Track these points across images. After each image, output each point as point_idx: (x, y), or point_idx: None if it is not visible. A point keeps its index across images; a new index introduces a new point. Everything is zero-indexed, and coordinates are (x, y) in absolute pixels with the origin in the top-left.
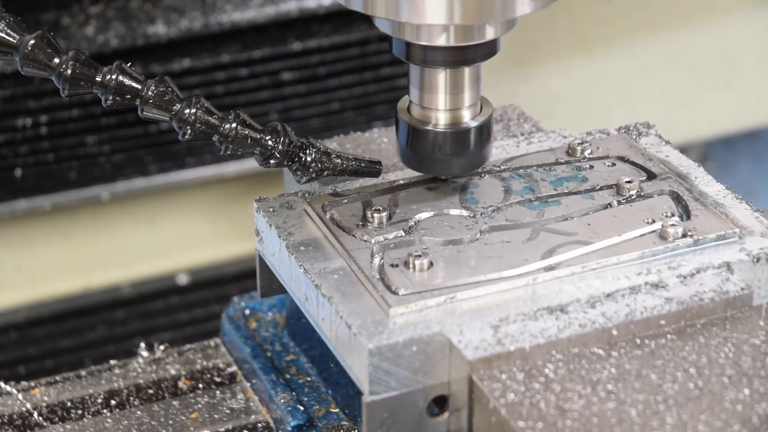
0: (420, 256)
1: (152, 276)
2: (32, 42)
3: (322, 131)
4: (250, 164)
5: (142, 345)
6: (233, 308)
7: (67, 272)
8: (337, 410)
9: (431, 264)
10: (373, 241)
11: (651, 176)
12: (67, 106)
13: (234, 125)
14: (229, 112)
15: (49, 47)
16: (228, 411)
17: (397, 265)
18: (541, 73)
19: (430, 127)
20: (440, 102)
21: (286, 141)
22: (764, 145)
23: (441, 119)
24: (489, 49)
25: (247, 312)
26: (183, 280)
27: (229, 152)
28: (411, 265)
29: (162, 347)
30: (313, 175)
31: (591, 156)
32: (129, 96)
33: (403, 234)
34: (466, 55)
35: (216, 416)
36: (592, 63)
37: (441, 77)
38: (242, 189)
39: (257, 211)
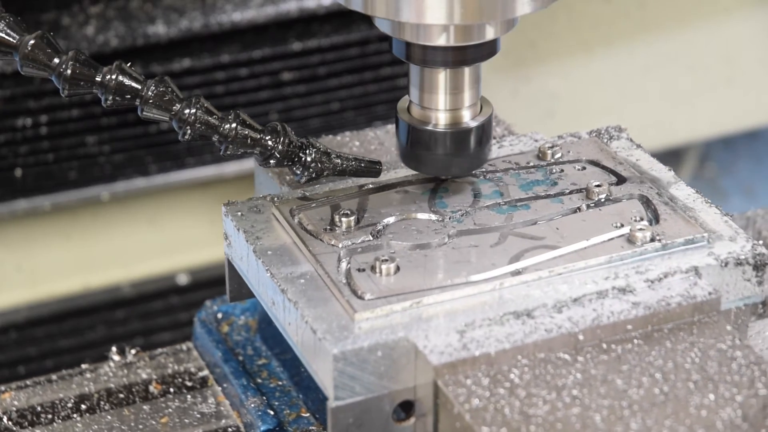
0: (387, 260)
1: (152, 276)
2: (32, 42)
3: (322, 131)
4: (250, 164)
5: (114, 349)
6: (205, 312)
7: (67, 272)
8: (307, 415)
9: (398, 268)
10: (340, 246)
11: (621, 180)
12: (67, 106)
13: (234, 125)
14: (229, 112)
15: (49, 47)
16: (198, 415)
17: (363, 270)
18: (541, 73)
19: (430, 127)
20: (440, 102)
21: (286, 141)
22: (764, 145)
23: (441, 119)
24: (489, 49)
25: (220, 316)
26: (183, 280)
27: (229, 152)
28: (378, 270)
29: (133, 351)
30: (313, 175)
31: (561, 160)
32: (129, 96)
33: (371, 238)
34: (466, 55)
35: (186, 420)
36: (592, 63)
37: (441, 77)
38: (242, 189)
39: (225, 215)
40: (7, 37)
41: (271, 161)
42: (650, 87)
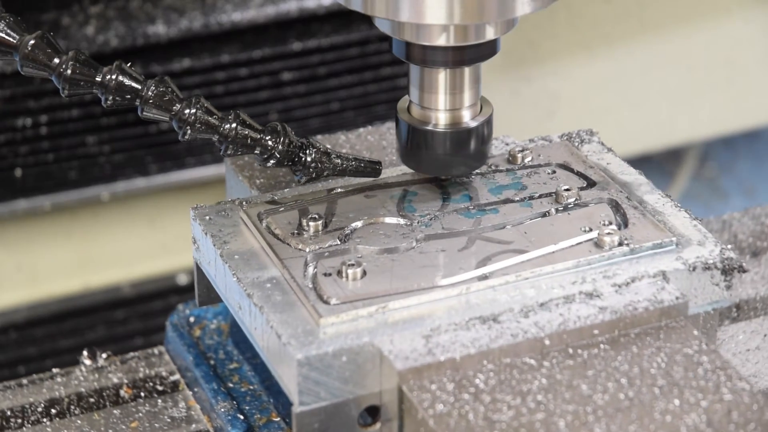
0: (353, 265)
1: (152, 276)
2: (32, 42)
3: (322, 131)
4: None
5: (85, 353)
6: (177, 316)
7: (67, 272)
8: (278, 419)
9: (365, 273)
10: (307, 250)
11: (591, 184)
12: (67, 106)
13: (234, 125)
14: (229, 112)
15: (49, 47)
16: (169, 420)
17: (330, 274)
18: (541, 73)
19: (430, 127)
20: (440, 102)
21: (286, 141)
22: (764, 145)
23: (441, 119)
24: (489, 49)
25: (192, 319)
26: (183, 280)
27: (229, 152)
28: (344, 275)
29: (104, 355)
30: (314, 175)
31: (532, 163)
32: (129, 96)
33: (339, 242)
34: (466, 55)
35: (156, 425)
36: (592, 63)
37: (441, 77)
38: None
39: (193, 219)
40: (7, 37)
41: (271, 161)
42: (650, 87)
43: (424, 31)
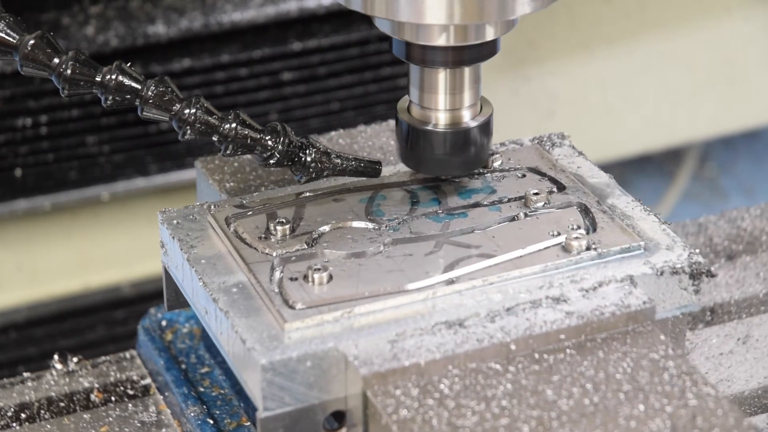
0: (319, 269)
1: (152, 276)
2: (32, 42)
3: (322, 131)
4: None
5: (56, 357)
6: (149, 320)
7: (67, 272)
8: (248, 424)
9: (331, 277)
10: (274, 255)
11: (561, 188)
12: (67, 106)
13: (234, 125)
14: (229, 112)
15: (49, 47)
16: (138, 424)
17: (296, 279)
18: (541, 73)
19: (429, 127)
20: (440, 102)
21: (286, 141)
22: (764, 145)
23: (441, 119)
24: (489, 49)
25: (164, 323)
26: None
27: (229, 152)
28: (310, 279)
29: (75, 359)
30: (313, 175)
31: (501, 167)
32: (129, 96)
33: (306, 247)
34: (466, 55)
35: (126, 429)
36: (592, 63)
37: (441, 77)
38: None
39: (161, 224)
40: (7, 37)
41: (271, 161)
42: (650, 87)
43: (424, 31)
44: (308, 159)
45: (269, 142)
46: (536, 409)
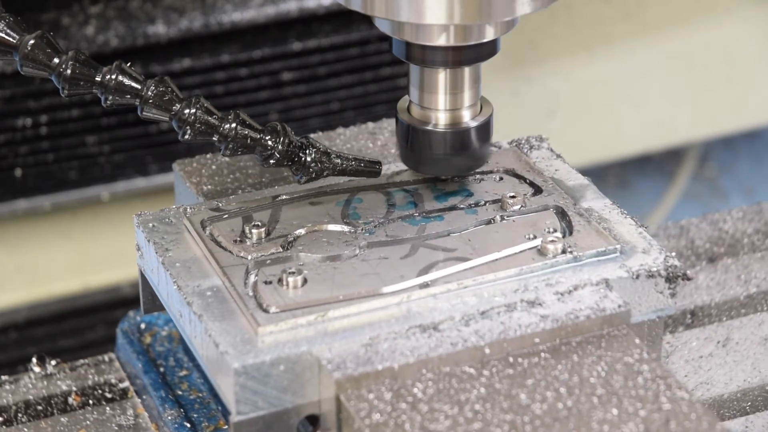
0: (294, 273)
1: None
2: (32, 42)
3: (322, 131)
4: None
5: (34, 360)
6: (128, 322)
7: (67, 272)
8: (226, 427)
9: (305, 281)
10: (249, 258)
11: (538, 191)
12: (67, 106)
13: (234, 125)
14: (229, 112)
15: (49, 47)
16: (116, 428)
17: (270, 282)
18: (541, 73)
19: (429, 127)
20: (440, 102)
21: (286, 141)
22: (764, 145)
23: (441, 119)
24: (489, 49)
25: (143, 326)
26: None
27: (229, 152)
28: (285, 283)
29: (53, 362)
30: (313, 175)
31: (479, 169)
32: (129, 96)
33: (281, 250)
34: (466, 55)
35: None
36: (592, 63)
37: (441, 77)
38: None
39: (137, 227)
40: (7, 37)
41: (271, 161)
42: (650, 87)
43: (424, 31)
44: (308, 159)
45: (269, 142)
46: (509, 413)
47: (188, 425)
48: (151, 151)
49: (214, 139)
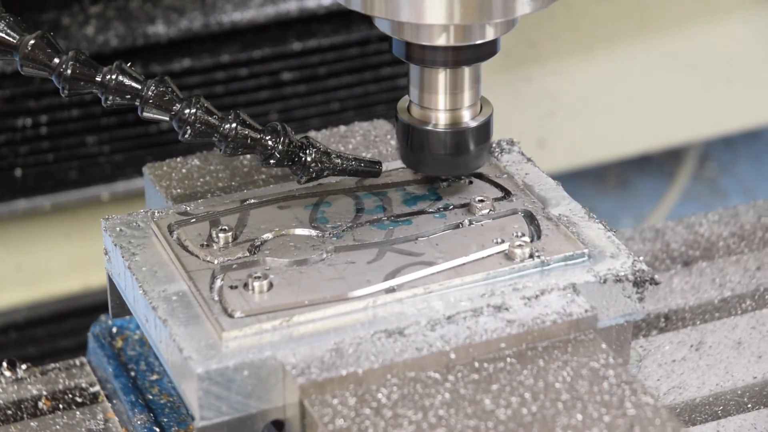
0: (260, 277)
1: None
2: (32, 42)
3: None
4: None
5: (5, 364)
6: (99, 326)
7: (67, 272)
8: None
9: (271, 285)
10: (216, 262)
11: (507, 195)
12: (67, 106)
13: (234, 125)
14: (229, 112)
15: (49, 47)
16: None
17: (236, 287)
18: (541, 73)
19: (429, 127)
20: (440, 102)
21: (286, 141)
22: (764, 145)
23: (441, 119)
24: (489, 49)
25: (114, 330)
26: None
27: (229, 152)
28: (250, 287)
29: (24, 366)
30: (313, 175)
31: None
32: (129, 96)
33: (248, 254)
34: (466, 55)
35: None
36: (592, 63)
37: (441, 77)
38: None
39: (104, 231)
40: (7, 37)
41: (271, 161)
42: (650, 87)
43: (424, 31)
44: (308, 159)
45: (269, 142)
46: (473, 419)
47: (157, 430)
48: (151, 151)
49: (214, 139)
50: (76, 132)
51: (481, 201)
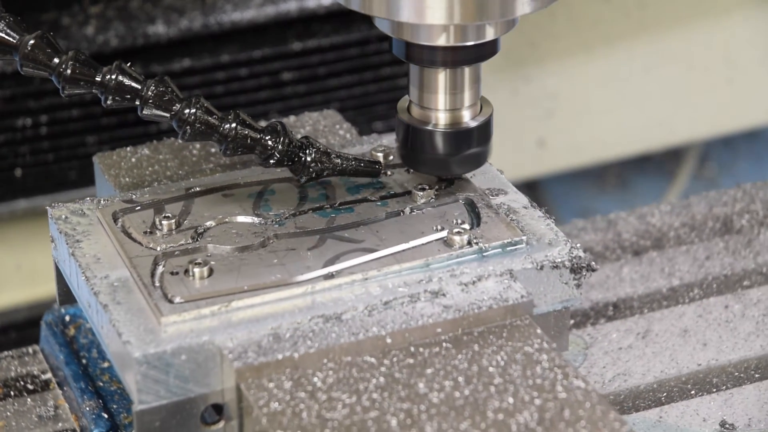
0: (200, 264)
1: None
2: (32, 42)
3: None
4: None
5: None
6: (52, 315)
7: None
8: None
9: (211, 271)
10: (158, 249)
11: (449, 183)
12: (67, 106)
13: (234, 125)
14: (229, 112)
15: (49, 47)
16: (36, 419)
17: (177, 273)
18: (541, 73)
19: (429, 127)
20: (440, 102)
21: (286, 141)
22: (764, 145)
23: (441, 119)
24: (489, 50)
25: (67, 318)
26: None
27: (229, 152)
28: (191, 273)
29: None
30: (313, 175)
31: (392, 162)
32: (129, 96)
33: (191, 241)
34: (466, 55)
35: (23, 424)
36: (592, 63)
37: (441, 77)
38: None
39: (50, 218)
40: (7, 37)
41: (271, 161)
42: (650, 87)
43: (424, 31)
44: (308, 159)
45: (269, 142)
46: (406, 402)
47: (106, 416)
48: None
49: (214, 139)
50: (76, 132)
51: (423, 189)
